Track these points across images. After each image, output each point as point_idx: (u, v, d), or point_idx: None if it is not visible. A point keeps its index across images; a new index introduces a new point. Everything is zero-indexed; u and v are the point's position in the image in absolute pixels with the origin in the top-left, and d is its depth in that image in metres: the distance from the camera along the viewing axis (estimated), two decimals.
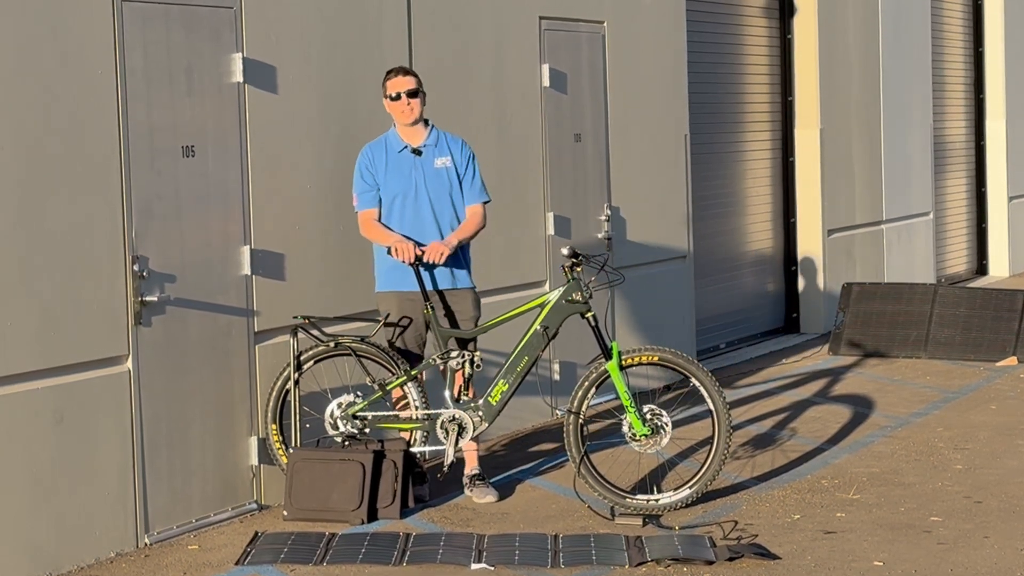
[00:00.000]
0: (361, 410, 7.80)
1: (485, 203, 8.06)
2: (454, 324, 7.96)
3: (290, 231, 8.01)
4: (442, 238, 7.89)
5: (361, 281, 8.23)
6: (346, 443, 7.76)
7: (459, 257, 7.95)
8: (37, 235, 6.64)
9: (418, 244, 7.81)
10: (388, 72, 8.00)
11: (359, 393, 7.89)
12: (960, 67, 17.36)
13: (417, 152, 7.95)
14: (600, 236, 10.57)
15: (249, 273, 7.76)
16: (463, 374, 7.80)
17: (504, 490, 8.08)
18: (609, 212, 10.67)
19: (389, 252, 7.78)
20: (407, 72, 7.96)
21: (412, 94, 7.91)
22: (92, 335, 6.88)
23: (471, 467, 8.04)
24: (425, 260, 7.78)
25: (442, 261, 7.80)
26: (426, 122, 8.03)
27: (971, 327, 12.19)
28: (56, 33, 6.72)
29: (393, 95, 7.91)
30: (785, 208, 13.77)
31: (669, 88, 11.51)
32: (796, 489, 8.06)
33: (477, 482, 7.98)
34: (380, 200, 7.90)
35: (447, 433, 7.76)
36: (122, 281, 7.03)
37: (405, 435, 7.85)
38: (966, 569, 6.56)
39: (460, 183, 8.00)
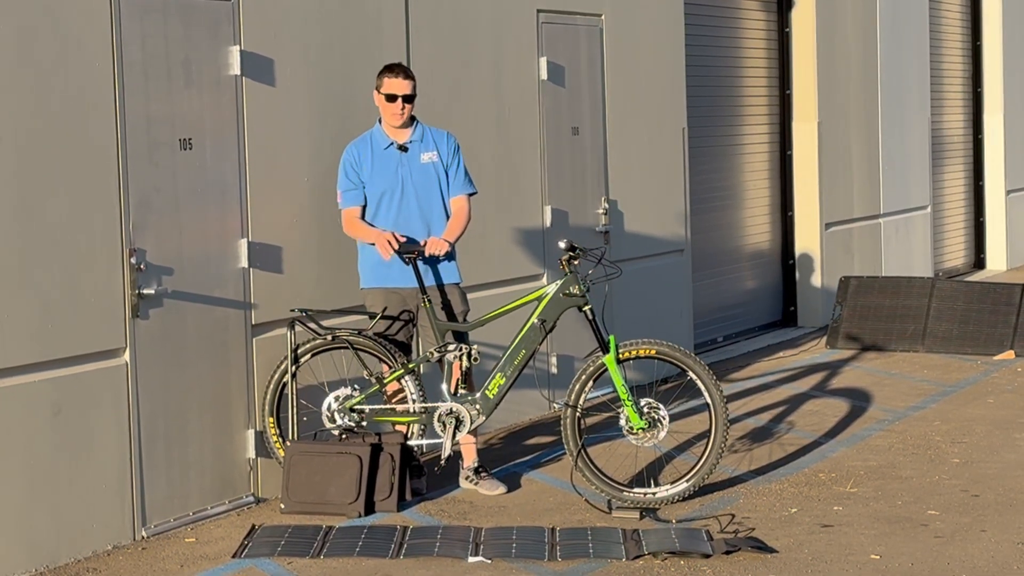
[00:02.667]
0: (358, 403, 7.81)
1: (471, 195, 8.06)
2: (448, 318, 7.97)
3: (288, 224, 8.02)
4: (429, 234, 7.89)
5: (358, 275, 8.23)
6: (343, 436, 7.77)
7: (448, 252, 7.95)
8: (35, 227, 6.64)
9: (409, 240, 7.80)
10: (388, 68, 7.94)
11: (356, 386, 7.90)
12: (958, 61, 17.36)
13: (403, 148, 7.94)
14: (598, 229, 10.58)
15: (247, 266, 7.77)
16: (460, 367, 7.81)
17: (503, 483, 8.09)
18: (607, 205, 10.68)
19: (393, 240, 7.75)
20: (408, 76, 7.91)
21: (408, 99, 7.89)
22: (90, 328, 6.89)
23: (471, 460, 8.04)
24: (427, 253, 7.79)
25: (442, 253, 7.80)
26: (412, 118, 8.02)
27: (968, 321, 12.20)
28: (54, 26, 6.72)
29: (388, 95, 7.88)
30: (783, 202, 13.78)
31: (667, 81, 11.51)
32: (793, 482, 8.07)
33: (482, 474, 7.99)
34: (364, 198, 7.90)
35: (444, 426, 7.77)
36: (119, 274, 7.03)
37: (402, 428, 7.86)
38: (963, 563, 6.57)
39: (447, 176, 7.99)
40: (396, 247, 7.72)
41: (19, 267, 6.58)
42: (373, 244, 7.82)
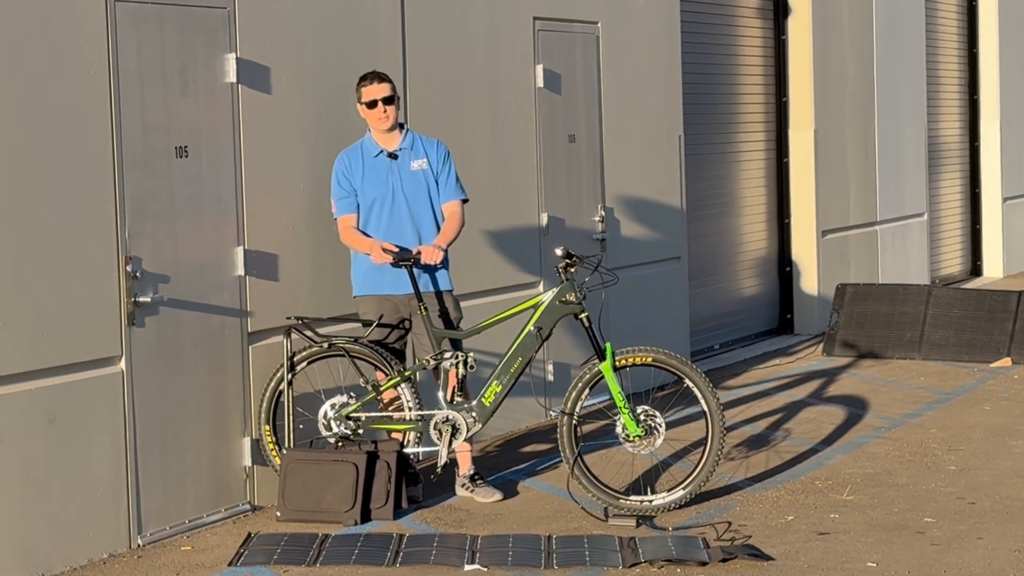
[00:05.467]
0: (354, 411, 7.81)
1: (463, 201, 8.06)
2: (443, 326, 7.96)
3: (283, 232, 8.02)
4: (420, 241, 7.89)
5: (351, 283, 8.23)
6: (339, 444, 7.77)
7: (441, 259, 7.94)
8: (30, 235, 6.64)
9: (402, 248, 7.80)
10: (362, 79, 7.95)
11: (352, 394, 7.90)
12: (954, 68, 17.39)
13: (393, 156, 7.95)
14: (594, 237, 10.59)
15: (243, 274, 7.77)
16: (456, 375, 7.81)
17: (498, 490, 8.09)
18: (603, 213, 10.68)
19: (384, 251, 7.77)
20: (382, 79, 7.93)
21: (388, 101, 7.91)
22: (85, 335, 6.89)
23: (466, 468, 8.04)
24: (423, 262, 7.79)
25: (438, 262, 7.80)
26: (401, 126, 8.03)
27: (965, 328, 12.21)
28: (49, 33, 6.72)
29: (369, 102, 7.90)
30: (779, 209, 13.80)
31: (663, 89, 11.52)
32: (790, 490, 8.08)
33: (478, 482, 7.99)
34: (358, 206, 7.91)
35: (440, 434, 7.77)
36: (115, 281, 7.03)
37: (398, 436, 7.86)
38: (959, 570, 6.57)
39: (437, 184, 8.00)
40: (392, 255, 7.72)
41: (14, 274, 6.58)
42: (368, 253, 7.83)
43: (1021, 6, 18.33)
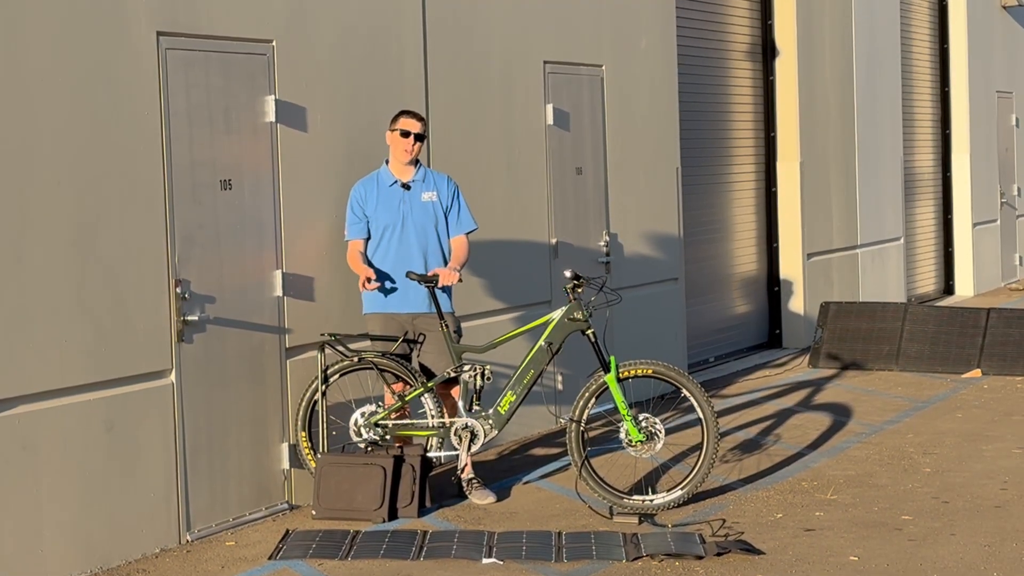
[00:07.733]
0: (382, 419, 7.85)
1: (471, 231, 8.08)
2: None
3: (318, 256, 8.07)
4: (425, 266, 7.92)
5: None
6: (369, 449, 7.81)
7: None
8: (91, 260, 6.70)
9: (424, 277, 7.81)
10: (403, 111, 8.04)
11: (380, 403, 7.94)
12: (928, 105, 17.42)
13: (406, 187, 8.00)
14: (599, 260, 10.63)
15: (281, 295, 7.82)
16: (473, 386, 7.82)
17: (512, 491, 8.11)
18: (607, 238, 10.72)
19: (369, 281, 7.80)
20: (420, 118, 8.01)
21: (419, 138, 7.97)
22: (139, 351, 6.94)
23: (467, 472, 8.04)
24: (440, 284, 7.82)
25: (455, 283, 7.84)
26: (416, 161, 8.08)
27: (939, 342, 12.22)
28: (107, 79, 6.79)
29: (403, 131, 7.95)
30: (768, 234, 13.82)
31: (662, 125, 11.57)
32: (779, 490, 8.09)
33: (475, 484, 8.00)
34: (368, 231, 7.93)
35: (460, 439, 7.81)
36: (166, 302, 7.08)
37: (420, 441, 7.89)
38: (934, 563, 6.59)
39: (446, 216, 8.04)
40: (372, 287, 7.73)
41: (76, 296, 6.64)
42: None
43: (987, 51, 18.37)
